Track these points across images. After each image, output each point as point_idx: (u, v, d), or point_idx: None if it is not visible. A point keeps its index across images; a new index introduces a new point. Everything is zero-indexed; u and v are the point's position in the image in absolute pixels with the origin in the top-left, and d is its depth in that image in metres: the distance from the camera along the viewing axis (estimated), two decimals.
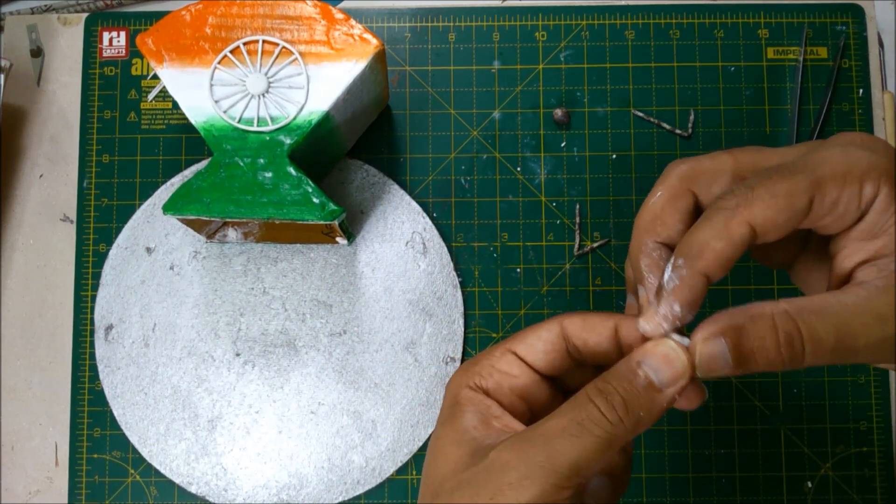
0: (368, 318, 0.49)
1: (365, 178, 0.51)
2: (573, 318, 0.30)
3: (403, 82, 0.52)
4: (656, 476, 0.49)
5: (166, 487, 0.49)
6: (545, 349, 0.30)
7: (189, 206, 0.43)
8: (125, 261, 0.50)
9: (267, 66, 0.43)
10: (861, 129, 0.51)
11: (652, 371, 0.26)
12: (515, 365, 0.30)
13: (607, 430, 0.26)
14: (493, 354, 0.30)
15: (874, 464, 0.49)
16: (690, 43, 0.52)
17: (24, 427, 0.50)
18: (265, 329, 0.49)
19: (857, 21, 0.52)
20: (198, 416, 0.49)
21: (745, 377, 0.49)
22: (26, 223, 0.52)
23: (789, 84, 0.52)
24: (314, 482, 0.48)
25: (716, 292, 0.50)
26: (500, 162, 0.52)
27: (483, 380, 0.30)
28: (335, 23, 0.43)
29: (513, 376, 0.30)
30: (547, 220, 0.51)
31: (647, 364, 0.27)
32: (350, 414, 0.49)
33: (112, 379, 0.49)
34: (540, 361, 0.30)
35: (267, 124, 0.43)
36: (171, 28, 0.43)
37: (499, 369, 0.30)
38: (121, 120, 0.52)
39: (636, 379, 0.26)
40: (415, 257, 0.50)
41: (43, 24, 0.53)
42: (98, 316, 0.50)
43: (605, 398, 0.26)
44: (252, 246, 0.50)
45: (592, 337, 0.29)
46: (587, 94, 0.52)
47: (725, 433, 0.49)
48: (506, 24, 0.53)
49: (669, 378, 0.26)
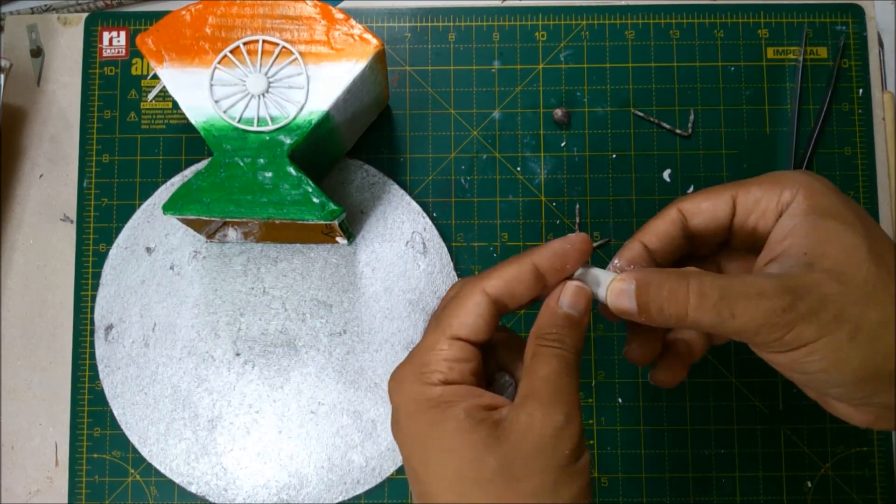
0: (368, 317, 0.49)
1: (365, 178, 0.51)
2: (490, 279, 0.32)
3: (403, 82, 0.52)
4: (656, 476, 0.49)
5: (166, 487, 0.49)
6: (483, 322, 0.32)
7: (189, 206, 0.43)
8: (125, 261, 0.50)
9: (267, 66, 0.43)
10: (861, 129, 0.51)
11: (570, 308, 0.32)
12: (465, 349, 0.32)
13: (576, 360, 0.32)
14: (440, 346, 0.32)
15: (874, 464, 0.49)
16: (690, 43, 0.52)
17: (24, 427, 0.50)
18: (265, 329, 0.49)
19: (857, 21, 0.52)
20: (198, 415, 0.49)
21: (745, 377, 0.49)
22: (26, 223, 0.52)
23: (789, 84, 0.52)
24: (314, 482, 0.48)
25: None
26: (500, 162, 0.52)
27: (444, 374, 0.31)
28: (335, 23, 0.43)
29: (467, 360, 0.32)
30: (547, 220, 0.51)
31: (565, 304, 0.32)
32: (350, 414, 0.49)
33: (112, 379, 0.49)
34: (480, 335, 0.32)
35: (267, 124, 0.43)
36: (171, 28, 0.43)
37: (453, 359, 0.32)
38: (121, 120, 0.52)
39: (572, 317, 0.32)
40: (415, 257, 0.50)
41: (43, 24, 0.53)
42: (98, 316, 0.50)
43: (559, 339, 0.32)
44: (252, 246, 0.50)
45: (519, 288, 0.33)
46: (587, 94, 0.52)
47: (725, 433, 0.49)
48: (506, 24, 0.53)
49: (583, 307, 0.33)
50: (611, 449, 0.49)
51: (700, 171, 0.51)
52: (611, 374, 0.50)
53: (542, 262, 0.33)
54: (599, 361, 0.50)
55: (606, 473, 0.49)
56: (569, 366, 0.32)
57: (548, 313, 0.33)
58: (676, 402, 0.49)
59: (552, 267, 0.33)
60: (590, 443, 0.49)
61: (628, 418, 0.49)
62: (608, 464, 0.49)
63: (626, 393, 0.50)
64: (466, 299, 0.32)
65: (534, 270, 0.33)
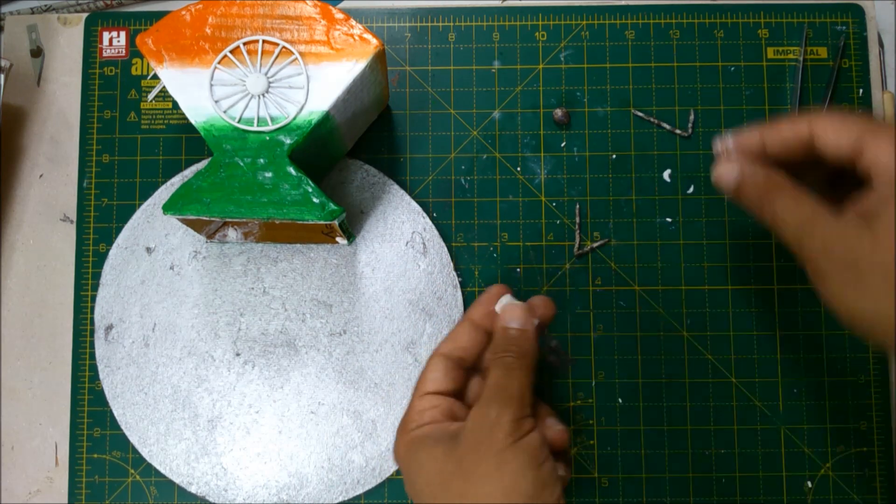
0: (368, 318, 0.49)
1: (365, 178, 0.51)
2: (443, 344, 0.40)
3: (403, 82, 0.52)
4: (656, 476, 0.49)
5: (166, 487, 0.49)
6: (442, 375, 0.39)
7: (189, 206, 0.43)
8: (125, 261, 0.50)
9: (267, 66, 0.43)
10: None
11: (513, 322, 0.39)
12: (433, 399, 0.39)
13: (520, 364, 0.37)
14: (414, 404, 0.39)
15: (874, 464, 0.49)
16: (690, 43, 0.52)
17: (24, 427, 0.50)
18: (265, 329, 0.49)
19: (857, 21, 0.52)
20: (198, 416, 0.49)
21: (745, 377, 0.49)
22: (26, 223, 0.52)
23: (789, 84, 0.52)
24: (314, 482, 0.48)
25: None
26: (500, 162, 0.52)
27: (418, 422, 0.38)
28: (335, 23, 0.43)
29: (436, 406, 0.39)
30: (547, 220, 0.51)
31: (507, 321, 0.39)
32: (350, 414, 0.49)
33: (112, 379, 0.49)
34: (445, 385, 0.39)
35: (267, 124, 0.43)
36: (171, 28, 0.43)
37: (425, 408, 0.39)
38: (121, 120, 0.52)
39: (509, 331, 0.39)
40: (415, 257, 0.50)
41: (43, 24, 0.53)
42: (98, 316, 0.50)
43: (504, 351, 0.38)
44: (252, 246, 0.50)
45: (463, 341, 0.40)
46: (587, 94, 0.52)
47: (725, 433, 0.49)
48: (506, 24, 0.53)
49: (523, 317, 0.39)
50: (611, 449, 0.49)
51: (700, 171, 0.51)
52: (611, 374, 0.50)
53: (473, 315, 0.40)
54: (599, 361, 0.50)
55: (606, 473, 0.49)
56: (512, 370, 0.37)
57: (496, 334, 0.39)
58: (676, 402, 0.49)
59: (481, 314, 0.40)
60: (590, 443, 0.49)
61: (628, 418, 0.49)
62: (608, 464, 0.49)
63: (626, 393, 0.50)
64: (429, 364, 0.40)
65: (470, 324, 0.40)
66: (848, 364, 0.50)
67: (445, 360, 0.40)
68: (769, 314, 0.50)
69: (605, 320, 0.50)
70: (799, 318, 0.50)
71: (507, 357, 0.38)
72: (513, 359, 0.38)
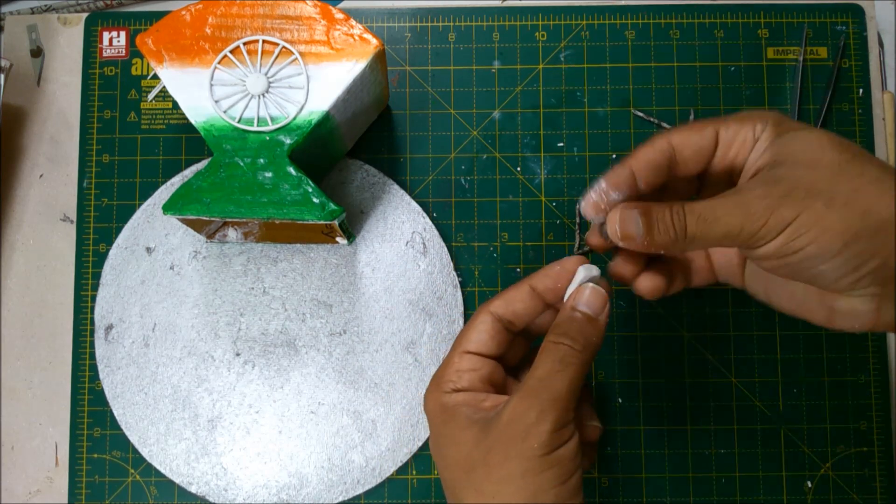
0: (368, 318, 0.49)
1: (365, 178, 0.51)
2: (494, 301, 0.38)
3: (403, 82, 0.52)
4: (656, 476, 0.49)
5: (166, 487, 0.49)
6: (488, 336, 0.37)
7: (189, 206, 0.43)
8: (125, 261, 0.50)
9: (267, 66, 0.43)
10: (861, 129, 0.51)
11: (585, 307, 0.36)
12: (474, 360, 0.37)
13: (578, 358, 0.34)
14: (453, 360, 0.37)
15: (874, 464, 0.49)
16: (690, 43, 0.52)
17: (24, 427, 0.50)
18: (265, 329, 0.49)
19: (857, 21, 0.52)
20: (198, 416, 0.49)
21: (745, 377, 0.49)
22: (26, 223, 0.52)
23: (789, 84, 0.52)
24: (314, 482, 0.48)
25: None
26: (500, 162, 0.52)
27: (455, 383, 0.36)
28: (335, 23, 0.43)
29: (475, 369, 0.37)
30: (547, 220, 0.51)
31: (580, 304, 0.36)
32: (350, 414, 0.49)
33: (112, 379, 0.49)
34: (488, 348, 0.37)
35: (267, 124, 0.43)
36: (171, 28, 0.43)
37: (464, 369, 0.37)
38: (121, 120, 0.52)
39: (576, 316, 0.35)
40: (415, 257, 0.50)
41: (43, 24, 0.53)
42: (98, 316, 0.50)
43: (567, 338, 0.35)
44: (252, 246, 0.50)
45: (517, 307, 0.37)
46: (587, 94, 0.52)
47: (725, 433, 0.49)
48: (506, 24, 0.53)
49: (599, 306, 0.36)
50: (611, 449, 0.49)
51: None
52: (611, 374, 0.50)
53: (537, 284, 0.37)
54: (599, 361, 0.50)
55: (606, 473, 0.49)
56: (567, 364, 0.34)
57: (562, 313, 0.36)
58: (676, 402, 0.49)
59: (545, 287, 0.37)
60: None
61: (628, 418, 0.49)
62: (608, 464, 0.49)
63: (626, 393, 0.50)
64: (475, 319, 0.37)
65: (530, 290, 0.37)
66: (848, 364, 0.50)
67: (493, 321, 0.37)
68: (769, 314, 0.50)
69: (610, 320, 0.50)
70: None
71: (564, 345, 0.34)
72: (571, 349, 0.34)
